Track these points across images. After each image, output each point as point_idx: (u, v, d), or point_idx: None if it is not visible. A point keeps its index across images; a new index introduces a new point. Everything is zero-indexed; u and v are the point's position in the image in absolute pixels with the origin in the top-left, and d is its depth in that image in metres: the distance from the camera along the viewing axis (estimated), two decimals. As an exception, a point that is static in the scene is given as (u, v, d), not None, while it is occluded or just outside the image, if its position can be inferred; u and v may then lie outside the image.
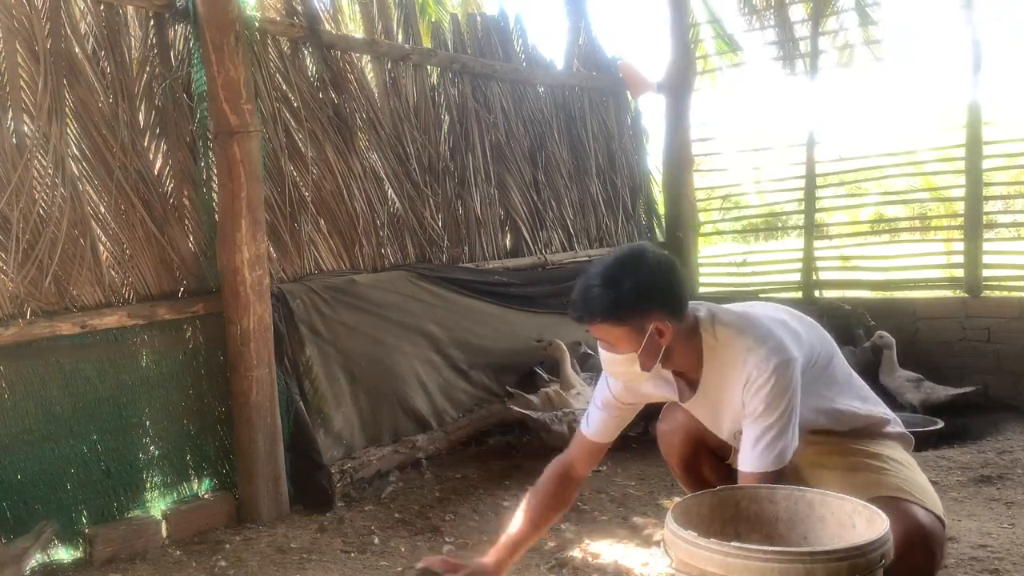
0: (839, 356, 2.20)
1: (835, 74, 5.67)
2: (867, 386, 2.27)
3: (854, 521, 1.82)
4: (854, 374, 2.24)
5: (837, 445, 2.12)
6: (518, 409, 3.98)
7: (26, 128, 2.92)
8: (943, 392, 4.47)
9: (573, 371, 4.38)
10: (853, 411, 2.15)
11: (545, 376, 4.39)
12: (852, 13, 5.64)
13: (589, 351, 4.85)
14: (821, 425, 2.11)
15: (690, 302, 2.04)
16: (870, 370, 4.45)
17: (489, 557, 2.23)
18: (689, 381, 2.10)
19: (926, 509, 1.96)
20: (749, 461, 1.95)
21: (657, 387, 2.15)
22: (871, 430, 2.18)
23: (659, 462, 3.95)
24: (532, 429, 4.00)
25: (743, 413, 1.97)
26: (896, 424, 2.23)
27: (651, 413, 4.60)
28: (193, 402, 3.34)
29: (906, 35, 5.57)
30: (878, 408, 2.22)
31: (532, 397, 4.24)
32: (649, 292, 1.92)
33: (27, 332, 2.83)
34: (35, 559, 2.72)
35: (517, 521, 2.27)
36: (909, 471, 2.09)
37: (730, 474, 2.31)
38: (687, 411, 2.24)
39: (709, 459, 2.35)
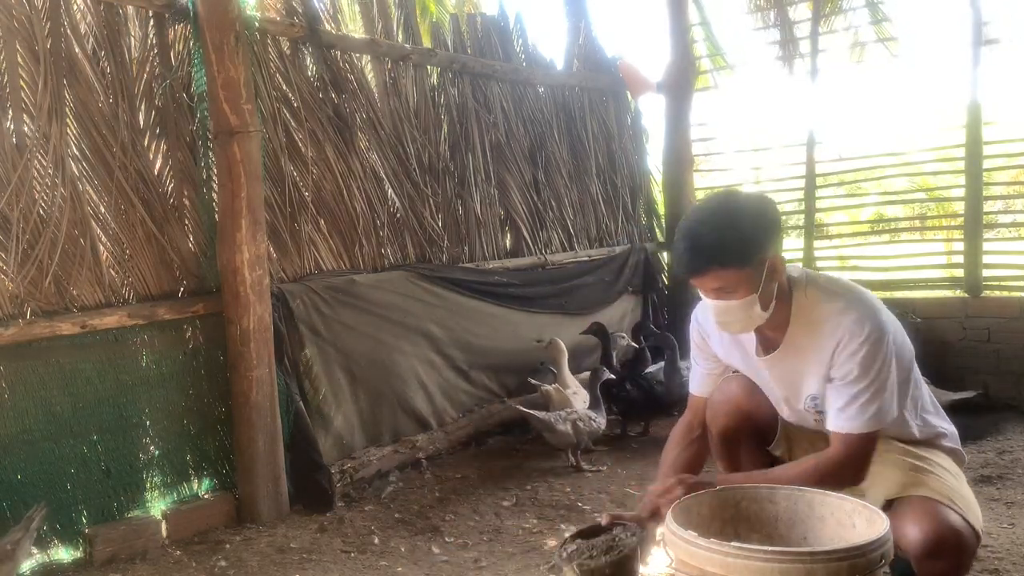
0: (914, 361, 2.14)
1: (835, 74, 5.67)
2: (932, 396, 2.24)
3: (854, 521, 1.82)
4: (923, 382, 2.20)
5: (885, 443, 2.07)
6: (522, 408, 3.98)
7: (26, 128, 2.92)
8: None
9: (571, 371, 4.40)
10: (911, 428, 2.10)
11: (533, 381, 4.36)
12: (854, 12, 5.63)
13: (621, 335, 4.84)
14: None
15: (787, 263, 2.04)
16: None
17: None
18: (770, 339, 2.07)
19: (964, 519, 1.92)
20: (841, 422, 1.92)
21: (737, 349, 2.15)
22: (926, 440, 2.14)
23: (659, 462, 3.96)
24: (534, 429, 3.99)
25: (833, 376, 1.94)
26: (952, 440, 2.19)
27: (652, 413, 4.63)
28: (193, 402, 3.34)
29: (907, 35, 5.57)
30: (937, 421, 2.18)
31: (534, 394, 4.25)
32: (761, 227, 1.90)
33: (27, 332, 2.83)
34: (31, 551, 2.69)
35: (667, 456, 2.33)
36: (955, 480, 2.05)
37: (767, 462, 2.29)
38: (742, 383, 2.22)
39: (749, 439, 2.31)
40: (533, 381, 4.31)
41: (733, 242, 1.86)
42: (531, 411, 3.89)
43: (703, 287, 1.97)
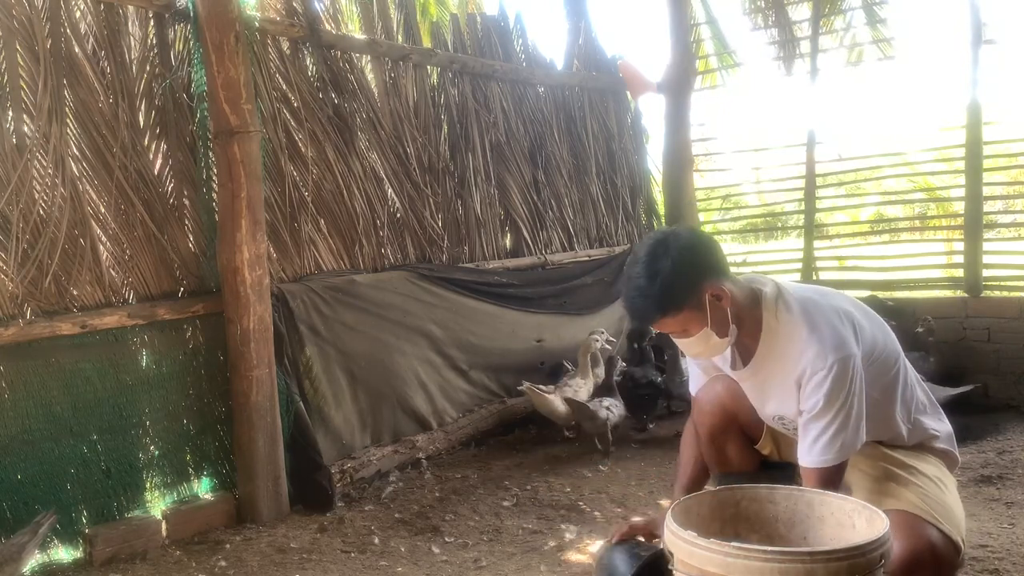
0: (903, 360, 2.14)
1: (835, 74, 5.68)
2: (929, 394, 2.23)
3: (854, 521, 1.81)
4: (917, 383, 2.19)
5: (870, 447, 2.09)
6: (573, 399, 4.08)
7: (26, 128, 2.92)
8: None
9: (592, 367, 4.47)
10: (901, 432, 2.11)
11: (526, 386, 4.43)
12: (854, 13, 5.63)
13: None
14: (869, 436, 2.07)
15: (757, 276, 2.08)
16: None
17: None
18: (743, 352, 2.11)
19: (941, 531, 1.92)
20: (810, 457, 1.95)
21: (719, 358, 2.18)
22: (917, 444, 2.14)
23: (659, 462, 3.98)
24: (546, 421, 4.09)
25: (802, 408, 1.97)
26: (946, 441, 2.18)
27: (646, 410, 4.63)
28: (193, 402, 3.34)
29: (906, 35, 5.58)
30: (930, 422, 2.17)
31: (547, 388, 4.32)
32: (689, 267, 1.93)
33: (27, 332, 2.83)
34: (35, 555, 2.70)
35: (685, 469, 2.35)
36: (937, 489, 2.04)
37: (756, 459, 2.31)
38: (727, 385, 2.24)
39: (737, 437, 2.32)
40: (527, 385, 4.28)
41: (659, 294, 1.91)
42: (581, 400, 4.05)
43: (660, 330, 2.06)
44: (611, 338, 4.65)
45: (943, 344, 4.79)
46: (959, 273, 5.13)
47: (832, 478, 1.95)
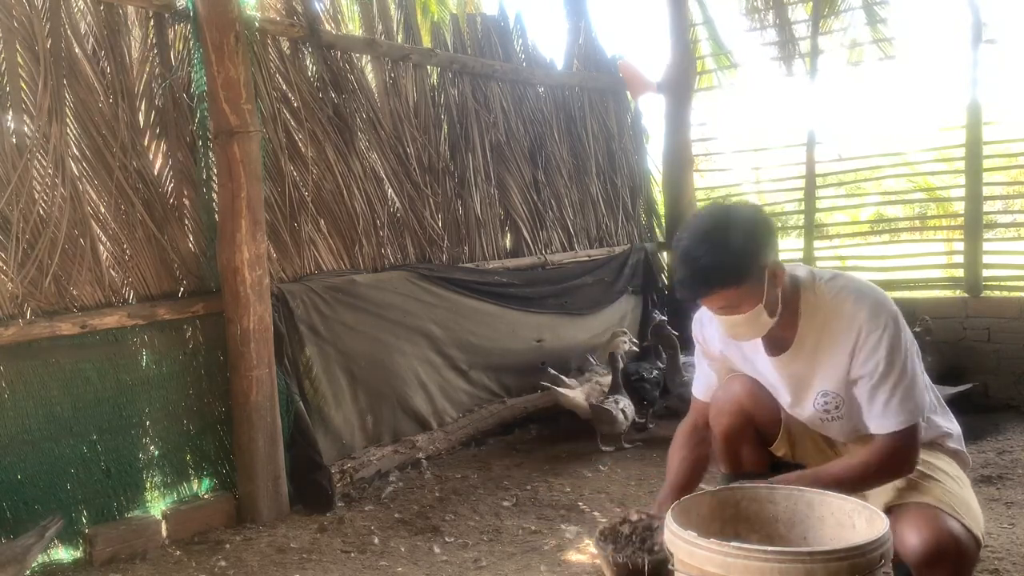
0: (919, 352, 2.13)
1: (835, 74, 5.68)
2: (938, 395, 2.22)
3: (854, 521, 1.82)
4: (928, 382, 2.16)
5: None
6: (593, 403, 4.14)
7: (26, 128, 2.92)
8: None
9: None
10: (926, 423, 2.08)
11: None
12: (857, 12, 5.63)
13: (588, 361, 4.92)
14: None
15: (786, 263, 2.03)
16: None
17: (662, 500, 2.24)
18: (780, 339, 2.07)
19: (963, 525, 1.91)
20: (885, 421, 1.92)
21: (738, 350, 2.16)
22: (929, 442, 2.12)
23: (659, 462, 3.97)
24: (547, 421, 4.13)
25: (859, 375, 1.95)
26: (957, 441, 2.18)
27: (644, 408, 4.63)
28: (193, 402, 3.34)
29: (906, 35, 5.58)
30: (942, 421, 2.17)
31: (571, 382, 4.39)
32: (756, 240, 1.90)
33: (27, 332, 2.83)
34: (38, 557, 2.71)
35: (676, 470, 2.30)
36: (957, 486, 2.04)
37: (768, 461, 2.29)
38: (745, 385, 2.22)
39: (752, 438, 2.29)
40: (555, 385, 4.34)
41: (730, 262, 1.86)
42: (599, 405, 4.10)
43: (709, 306, 1.99)
44: (635, 339, 4.67)
45: (943, 344, 4.79)
46: (959, 273, 5.13)
47: (908, 441, 1.92)
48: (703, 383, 2.35)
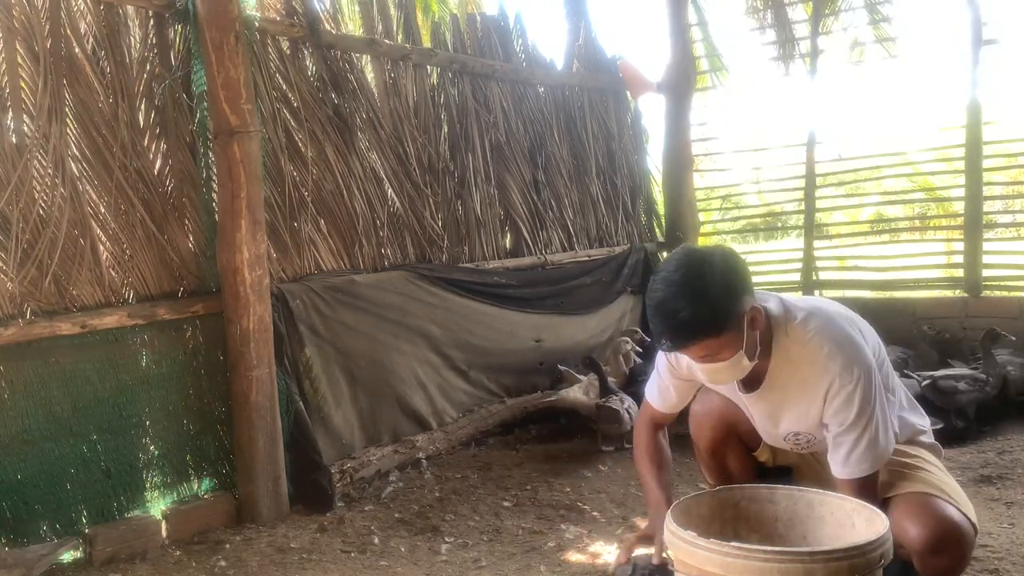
0: (887, 360, 2.16)
1: (835, 74, 5.69)
2: (907, 391, 2.25)
3: (854, 521, 1.82)
4: (897, 377, 2.21)
5: None
6: (601, 403, 4.15)
7: (26, 128, 2.91)
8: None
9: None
10: (898, 422, 2.12)
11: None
12: (857, 11, 5.64)
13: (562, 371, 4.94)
14: None
15: (758, 292, 2.00)
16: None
17: (652, 520, 2.23)
18: (751, 376, 2.05)
19: (959, 510, 1.94)
20: (847, 469, 1.94)
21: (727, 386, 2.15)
22: (906, 440, 2.16)
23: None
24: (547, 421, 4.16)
25: (828, 423, 1.96)
26: (929, 436, 2.22)
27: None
28: (193, 402, 3.34)
29: (906, 35, 5.59)
30: (913, 417, 2.20)
31: (582, 378, 4.41)
32: (733, 288, 1.86)
33: (27, 332, 2.83)
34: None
35: (652, 481, 2.27)
36: (943, 475, 2.09)
37: (754, 466, 2.31)
38: (723, 395, 2.23)
39: (736, 447, 2.32)
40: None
41: (709, 314, 1.81)
42: (606, 404, 4.12)
43: (689, 355, 1.94)
44: (644, 337, 4.67)
45: (943, 344, 4.79)
46: (959, 273, 5.13)
47: (870, 487, 1.95)
48: (659, 394, 2.28)
